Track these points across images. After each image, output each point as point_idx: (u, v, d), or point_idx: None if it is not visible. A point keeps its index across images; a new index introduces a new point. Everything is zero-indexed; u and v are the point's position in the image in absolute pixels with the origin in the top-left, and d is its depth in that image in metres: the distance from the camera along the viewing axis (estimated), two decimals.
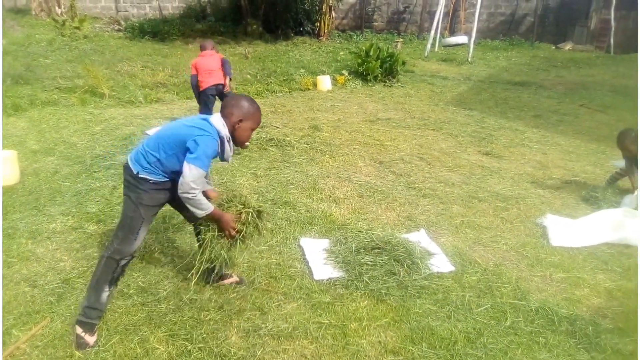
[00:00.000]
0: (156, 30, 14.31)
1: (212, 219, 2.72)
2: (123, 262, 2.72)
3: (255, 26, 15.21)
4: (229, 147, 2.72)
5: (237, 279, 3.24)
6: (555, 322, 3.02)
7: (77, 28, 13.20)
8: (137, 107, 7.51)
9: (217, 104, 6.00)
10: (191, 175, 2.50)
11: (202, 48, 6.37)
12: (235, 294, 3.11)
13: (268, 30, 15.52)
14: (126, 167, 2.73)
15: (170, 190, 2.75)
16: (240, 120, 2.70)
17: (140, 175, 2.65)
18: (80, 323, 2.67)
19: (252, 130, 2.78)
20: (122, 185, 2.78)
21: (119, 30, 14.71)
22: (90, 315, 2.67)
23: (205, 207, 2.62)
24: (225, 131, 2.66)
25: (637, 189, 4.61)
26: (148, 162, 2.65)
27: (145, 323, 2.79)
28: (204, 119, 2.69)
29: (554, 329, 2.96)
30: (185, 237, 3.79)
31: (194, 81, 6.19)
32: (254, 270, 3.39)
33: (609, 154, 6.35)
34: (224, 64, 6.22)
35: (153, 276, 3.25)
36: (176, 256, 3.53)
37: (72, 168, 5.04)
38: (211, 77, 6.09)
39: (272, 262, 3.50)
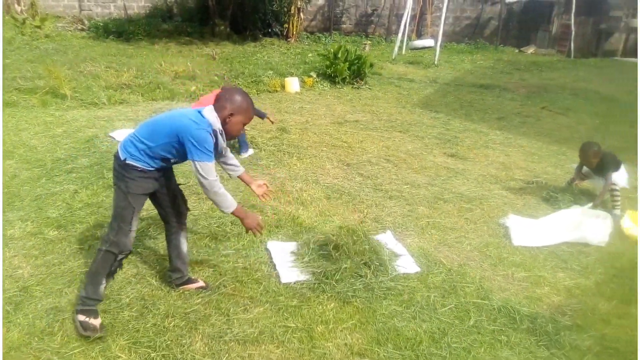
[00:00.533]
0: (121, 30, 14.01)
1: (237, 217, 2.79)
2: (121, 256, 2.77)
3: (222, 27, 15.06)
4: (222, 140, 2.74)
5: (203, 284, 3.20)
6: (517, 320, 3.10)
7: (38, 27, 12.80)
8: (100, 109, 7.34)
9: None
10: (202, 170, 2.60)
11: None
12: (200, 300, 3.07)
13: (236, 31, 15.38)
14: (115, 156, 2.75)
15: (157, 180, 2.80)
16: (232, 114, 2.69)
17: (127, 162, 2.66)
18: (81, 311, 2.71)
19: (244, 124, 2.78)
20: (112, 176, 2.80)
21: (83, 29, 14.34)
22: (90, 304, 2.73)
23: (228, 205, 2.70)
24: (218, 124, 2.66)
25: (601, 198, 4.72)
26: (137, 149, 2.67)
27: (107, 331, 2.73)
28: (199, 111, 2.68)
29: (516, 327, 3.04)
30: (148, 242, 3.72)
31: None
32: (220, 274, 3.36)
33: (569, 156, 6.54)
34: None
35: (115, 282, 3.17)
36: (139, 262, 3.46)
37: (32, 172, 4.88)
38: (197, 105, 5.91)
39: (239, 266, 3.47)
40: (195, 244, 3.73)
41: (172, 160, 2.78)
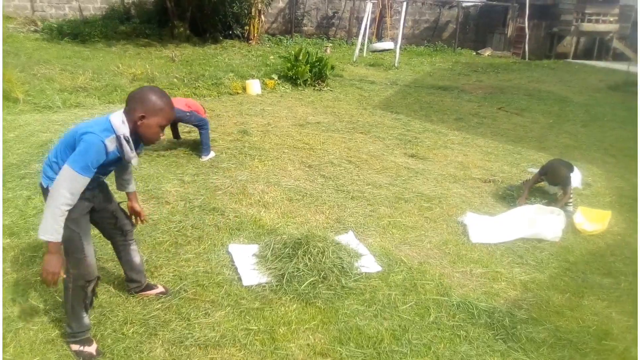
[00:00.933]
0: (76, 32, 13.63)
1: (48, 249, 2.31)
2: (90, 285, 2.57)
3: (182, 29, 14.86)
4: (128, 148, 2.38)
5: (163, 290, 3.14)
6: (475, 315, 3.17)
7: None
8: (54, 113, 7.11)
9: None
10: (62, 177, 2.25)
11: None
12: (160, 305, 3.02)
13: (196, 33, 15.21)
14: (40, 185, 2.49)
15: (91, 201, 2.58)
16: (143, 117, 2.37)
17: (50, 188, 2.38)
18: (73, 342, 2.60)
19: (161, 126, 2.44)
20: None
21: (36, 31, 13.89)
22: (80, 335, 2.61)
23: (46, 231, 2.24)
24: (124, 129, 2.34)
25: (561, 204, 4.83)
26: (54, 172, 2.38)
27: (64, 339, 2.65)
28: (106, 116, 2.40)
29: (474, 322, 3.11)
30: (106, 248, 3.63)
31: None
32: (181, 279, 3.31)
33: (524, 155, 6.77)
34: (192, 108, 5.78)
35: None
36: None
37: None
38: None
39: (200, 270, 3.43)
40: (155, 249, 3.66)
41: (97, 178, 2.49)
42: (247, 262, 3.51)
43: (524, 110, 9.58)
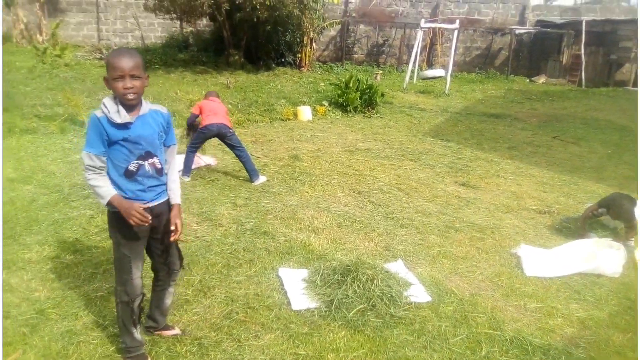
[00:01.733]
0: None
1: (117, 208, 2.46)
2: (135, 302, 2.65)
3: (237, 57, 15.41)
4: (113, 109, 2.41)
5: (179, 332, 3.01)
6: (529, 352, 3.07)
7: (59, 56, 13.21)
8: None
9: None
10: (82, 159, 2.44)
11: (208, 95, 6.21)
12: (211, 326, 3.09)
13: (250, 61, 15.73)
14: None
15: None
16: (106, 80, 2.43)
17: (107, 207, 2.50)
18: (128, 357, 2.70)
19: (116, 79, 2.36)
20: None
21: (101, 58, 14.75)
22: (135, 351, 2.69)
23: (101, 197, 2.44)
24: (107, 101, 2.43)
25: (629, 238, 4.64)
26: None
27: (144, 350, 2.75)
28: None
29: (528, 359, 3.01)
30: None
31: (191, 119, 5.96)
32: (232, 300, 3.38)
33: (581, 185, 6.54)
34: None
35: None
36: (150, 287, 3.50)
37: (50, 197, 4.99)
38: (215, 117, 5.77)
39: (250, 293, 3.50)
40: (208, 270, 3.77)
41: (131, 168, 2.48)
42: (296, 287, 3.55)
43: (581, 140, 9.29)
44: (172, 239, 2.70)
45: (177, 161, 2.92)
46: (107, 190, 2.43)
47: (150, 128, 2.53)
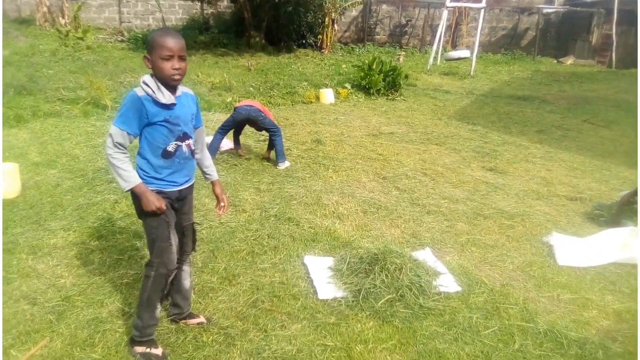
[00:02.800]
0: None
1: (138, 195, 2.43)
2: (170, 275, 2.63)
3: (257, 38, 15.26)
4: (155, 88, 2.38)
5: (204, 320, 2.95)
6: (564, 345, 2.96)
7: (81, 39, 13.23)
8: None
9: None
10: (109, 134, 2.36)
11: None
12: (237, 315, 3.05)
13: (271, 43, 15.57)
14: None
15: (173, 206, 2.59)
16: (148, 59, 2.39)
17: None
18: (139, 343, 2.62)
19: (163, 59, 2.34)
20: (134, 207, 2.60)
21: (122, 41, 14.75)
22: (148, 333, 2.63)
23: (127, 179, 2.37)
24: (149, 80, 2.39)
25: None
26: (140, 168, 2.49)
27: (155, 334, 2.72)
28: None
29: (563, 353, 2.90)
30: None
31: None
32: (257, 289, 3.33)
33: (613, 171, 6.32)
34: (266, 111, 5.82)
35: None
36: None
37: (74, 181, 4.99)
38: (247, 101, 5.83)
39: (276, 281, 3.45)
40: (233, 257, 3.72)
41: (170, 149, 2.47)
42: (322, 275, 3.48)
43: (612, 123, 8.98)
44: (221, 213, 2.84)
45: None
46: (132, 175, 2.40)
47: (186, 109, 2.54)
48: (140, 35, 14.82)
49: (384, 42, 18.70)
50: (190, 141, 2.58)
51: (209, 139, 5.89)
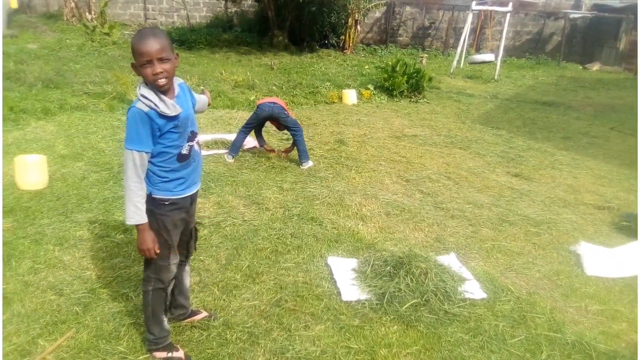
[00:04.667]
0: (183, 39, 14.48)
1: (138, 231, 2.35)
2: (170, 287, 2.61)
3: (281, 38, 15.29)
4: (156, 100, 2.23)
5: (207, 314, 2.96)
6: (593, 357, 2.90)
7: (107, 34, 13.41)
8: None
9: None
10: (124, 161, 2.25)
11: None
12: (260, 313, 3.04)
13: (293, 42, 15.59)
14: None
15: (187, 211, 2.54)
16: (134, 65, 2.26)
17: (153, 196, 2.36)
18: (157, 350, 2.60)
19: (143, 65, 2.19)
20: None
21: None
22: (163, 341, 2.60)
23: (128, 215, 2.28)
24: (147, 92, 2.23)
25: None
26: (155, 175, 2.35)
27: (171, 339, 2.73)
28: None
29: None
30: (211, 250, 3.75)
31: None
32: (281, 288, 3.32)
33: None
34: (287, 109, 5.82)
35: None
36: (202, 270, 3.48)
37: (100, 174, 5.05)
38: (268, 98, 5.84)
39: (299, 281, 3.43)
40: (256, 255, 3.72)
41: (184, 152, 2.39)
42: (346, 277, 3.46)
43: None
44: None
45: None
46: (141, 213, 2.29)
47: (188, 106, 2.42)
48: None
49: (406, 44, 18.60)
50: (198, 137, 2.49)
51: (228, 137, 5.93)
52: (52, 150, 5.62)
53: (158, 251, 2.40)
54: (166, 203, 2.38)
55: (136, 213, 2.28)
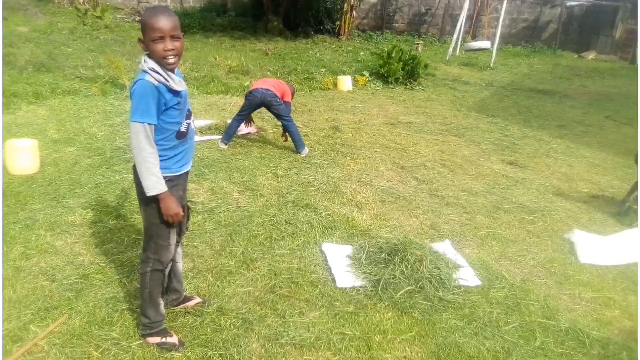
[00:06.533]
0: None
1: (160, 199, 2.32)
2: (168, 269, 2.59)
3: (275, 23, 15.12)
4: (164, 74, 2.24)
5: (200, 300, 2.94)
6: (586, 344, 2.91)
7: (99, 17, 13.20)
8: None
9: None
10: (132, 134, 2.21)
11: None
12: (255, 300, 3.02)
13: (288, 27, 15.41)
14: (134, 168, 2.37)
15: (183, 188, 2.55)
16: (142, 41, 2.24)
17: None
18: (151, 335, 2.58)
19: (155, 40, 2.18)
20: (136, 192, 2.49)
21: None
22: (157, 326, 2.59)
23: (155, 185, 2.26)
24: (156, 66, 2.23)
25: None
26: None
27: (165, 324, 2.71)
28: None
29: (586, 352, 2.85)
30: (204, 236, 3.72)
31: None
32: (275, 274, 3.31)
33: (636, 169, 6.18)
34: (285, 92, 5.66)
35: None
36: (196, 256, 3.46)
37: (92, 159, 4.99)
38: (263, 83, 5.60)
39: (294, 267, 3.42)
40: (251, 241, 3.70)
41: (183, 129, 2.39)
42: (340, 263, 3.45)
43: (635, 120, 8.77)
44: None
45: None
46: (161, 182, 2.28)
47: (184, 84, 2.43)
48: None
49: (402, 30, 18.45)
50: (192, 116, 2.52)
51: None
52: (43, 134, 5.54)
53: (182, 215, 2.41)
54: (166, 180, 2.35)
55: (158, 182, 2.28)
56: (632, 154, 6.72)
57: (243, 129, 6.05)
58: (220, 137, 5.80)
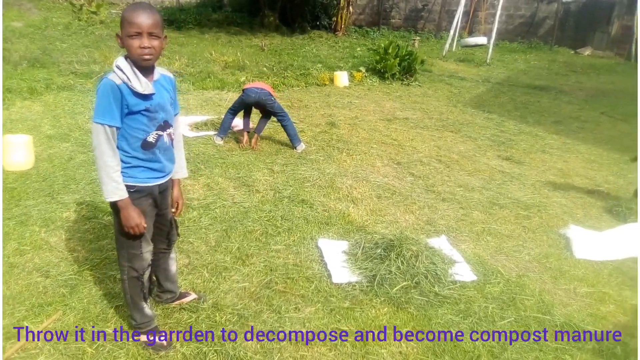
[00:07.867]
0: (173, 19, 14.23)
1: (119, 208, 2.24)
2: (145, 275, 2.49)
3: (272, 18, 15.09)
4: (135, 80, 2.15)
5: (196, 296, 2.93)
6: (581, 339, 2.91)
7: (94, 13, 13.14)
8: None
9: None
10: (93, 136, 2.14)
11: None
12: (250, 295, 3.02)
13: (284, 23, 15.38)
14: None
15: (155, 198, 2.41)
16: (119, 36, 2.16)
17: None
18: (141, 334, 2.55)
19: (131, 36, 2.10)
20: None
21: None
22: (147, 327, 2.55)
23: (107, 192, 2.17)
24: (123, 64, 2.14)
25: None
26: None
27: (160, 322, 2.70)
28: None
29: (580, 347, 2.86)
30: (200, 232, 3.71)
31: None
32: (271, 270, 3.30)
33: (632, 165, 6.20)
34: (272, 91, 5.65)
35: None
36: (191, 252, 3.45)
37: (87, 155, 4.96)
38: (255, 83, 5.63)
39: (289, 262, 3.41)
40: (246, 237, 3.69)
41: (150, 139, 2.26)
42: (336, 259, 3.44)
43: (631, 117, 8.78)
44: (175, 215, 2.63)
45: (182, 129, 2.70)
46: (121, 188, 2.19)
47: (165, 95, 2.31)
48: None
49: (399, 26, 18.44)
50: (171, 130, 2.37)
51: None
52: (38, 130, 5.51)
53: (145, 225, 2.33)
54: (131, 190, 2.26)
55: (117, 189, 2.18)
56: (628, 150, 6.75)
57: (239, 124, 6.03)
58: (215, 132, 5.80)
